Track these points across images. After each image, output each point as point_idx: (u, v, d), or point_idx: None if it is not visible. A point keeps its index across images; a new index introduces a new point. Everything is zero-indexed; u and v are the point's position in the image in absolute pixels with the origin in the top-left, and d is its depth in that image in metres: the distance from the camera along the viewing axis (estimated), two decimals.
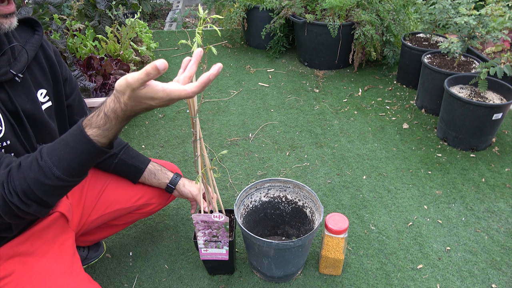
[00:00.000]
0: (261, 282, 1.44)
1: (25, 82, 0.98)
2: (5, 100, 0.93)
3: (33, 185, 0.82)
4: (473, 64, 2.41)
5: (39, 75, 1.03)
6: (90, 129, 0.80)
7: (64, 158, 0.81)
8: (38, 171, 0.81)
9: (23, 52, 0.97)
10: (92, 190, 1.26)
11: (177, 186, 1.33)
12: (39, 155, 0.83)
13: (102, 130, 0.80)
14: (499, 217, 1.72)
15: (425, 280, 1.45)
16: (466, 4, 2.21)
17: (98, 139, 0.80)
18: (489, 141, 2.14)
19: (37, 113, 1.00)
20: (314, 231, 1.28)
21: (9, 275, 0.97)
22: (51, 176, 0.81)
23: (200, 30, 0.89)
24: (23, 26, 1.02)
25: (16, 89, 0.95)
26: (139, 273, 1.48)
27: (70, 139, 0.82)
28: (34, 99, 1.00)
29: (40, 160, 0.82)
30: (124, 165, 1.27)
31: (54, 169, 0.81)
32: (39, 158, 0.82)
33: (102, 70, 2.19)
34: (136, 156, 1.30)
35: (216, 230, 1.22)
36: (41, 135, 1.02)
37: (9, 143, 0.93)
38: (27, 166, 0.82)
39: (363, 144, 2.20)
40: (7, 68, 0.92)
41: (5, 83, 0.92)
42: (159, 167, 1.33)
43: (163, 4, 4.66)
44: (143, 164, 1.30)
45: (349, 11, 2.89)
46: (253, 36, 3.37)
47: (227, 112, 2.50)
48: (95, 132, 0.80)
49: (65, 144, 0.82)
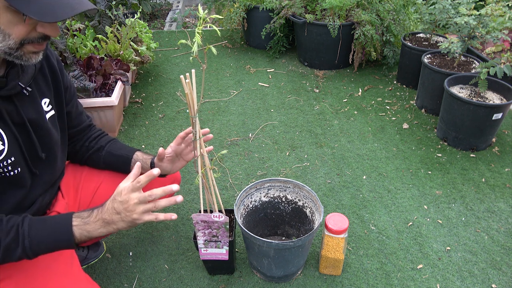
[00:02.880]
0: (261, 282, 1.44)
1: (32, 93, 0.99)
2: (12, 112, 0.93)
3: (3, 251, 0.89)
4: (473, 64, 2.41)
5: (42, 84, 1.04)
6: (76, 218, 0.96)
7: (41, 242, 0.92)
8: (13, 248, 0.90)
9: (30, 64, 0.97)
10: (87, 188, 1.27)
11: (155, 160, 1.26)
12: (24, 229, 0.91)
13: (82, 221, 0.95)
14: (499, 217, 1.72)
15: (425, 280, 1.45)
16: (466, 4, 2.21)
17: (75, 229, 0.94)
18: (489, 141, 2.14)
19: (42, 122, 1.01)
20: (314, 231, 1.28)
21: (7, 278, 0.97)
22: (23, 252, 0.91)
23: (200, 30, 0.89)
24: None
25: (23, 100, 0.96)
26: (139, 273, 1.48)
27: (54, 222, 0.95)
28: (39, 108, 1.01)
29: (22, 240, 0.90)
30: (111, 157, 1.27)
31: (29, 252, 0.91)
32: (23, 232, 0.91)
33: (102, 70, 2.19)
34: (122, 148, 1.30)
35: (216, 230, 1.22)
36: (45, 144, 1.03)
37: (13, 160, 0.94)
38: (6, 231, 0.90)
39: (363, 144, 2.20)
40: (16, 82, 0.93)
41: (13, 96, 0.93)
42: (141, 156, 1.29)
43: (163, 4, 4.66)
44: (130, 153, 1.28)
45: (349, 11, 2.89)
46: (253, 36, 3.37)
47: (227, 112, 2.50)
48: (77, 222, 0.95)
49: (48, 227, 0.94)
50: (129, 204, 0.94)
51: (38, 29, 0.83)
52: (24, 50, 0.84)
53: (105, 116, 2.11)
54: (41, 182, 1.06)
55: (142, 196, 0.94)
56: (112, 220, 0.96)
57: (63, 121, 1.13)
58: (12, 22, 0.79)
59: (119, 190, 0.96)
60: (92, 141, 1.27)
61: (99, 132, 1.31)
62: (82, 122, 1.24)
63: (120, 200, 0.94)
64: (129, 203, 0.94)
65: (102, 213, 0.96)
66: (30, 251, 0.91)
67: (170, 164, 1.27)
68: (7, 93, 0.91)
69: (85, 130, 1.26)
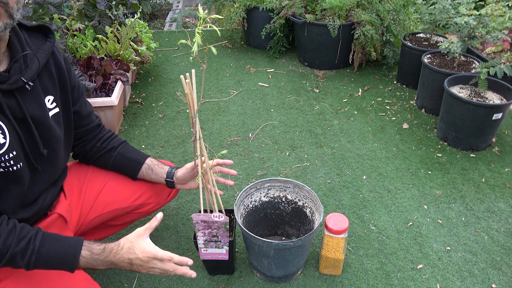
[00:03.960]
0: (261, 282, 1.44)
1: (35, 89, 0.99)
2: (14, 107, 0.93)
3: (8, 257, 0.91)
4: (473, 64, 2.41)
5: (47, 81, 1.03)
6: (85, 250, 0.98)
7: (46, 262, 0.96)
8: (19, 258, 0.92)
9: (34, 60, 0.98)
10: (90, 189, 1.27)
11: (174, 178, 1.30)
12: (36, 244, 0.94)
13: (91, 256, 0.99)
14: (499, 217, 1.72)
15: (425, 280, 1.45)
16: (466, 4, 2.21)
17: (81, 259, 0.98)
18: (489, 141, 2.14)
19: (44, 119, 1.01)
20: (314, 231, 1.28)
21: (7, 278, 0.97)
22: (26, 265, 0.94)
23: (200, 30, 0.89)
24: (36, 33, 1.03)
25: (25, 96, 0.96)
26: (139, 273, 1.48)
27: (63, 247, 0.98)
28: (42, 105, 1.01)
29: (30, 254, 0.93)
30: (123, 159, 1.28)
31: (31, 266, 0.94)
32: (34, 247, 0.94)
33: (102, 70, 2.19)
34: (134, 151, 1.31)
35: (216, 230, 1.22)
36: (46, 141, 1.03)
37: (15, 154, 0.94)
38: (18, 238, 0.93)
39: (363, 144, 2.20)
40: (18, 76, 0.93)
41: (15, 91, 0.93)
42: (156, 162, 1.32)
43: (163, 4, 4.66)
44: (142, 158, 1.30)
45: (349, 11, 2.89)
46: (253, 36, 3.37)
47: (227, 112, 2.50)
48: (85, 254, 0.98)
49: (57, 249, 0.96)
50: (147, 265, 1.01)
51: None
52: None
53: (105, 116, 2.11)
54: (42, 179, 1.06)
55: (164, 268, 1.02)
56: (120, 266, 1.01)
57: (69, 120, 1.12)
58: None
59: (142, 247, 1.01)
60: (104, 142, 1.27)
61: (110, 133, 1.31)
62: (91, 121, 1.24)
63: (141, 259, 1.00)
64: (148, 265, 1.01)
65: (114, 257, 1.00)
66: (32, 266, 0.94)
67: (191, 180, 1.33)
68: (9, 87, 0.91)
69: (94, 129, 1.26)
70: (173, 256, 1.01)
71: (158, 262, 1.01)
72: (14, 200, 0.99)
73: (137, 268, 1.01)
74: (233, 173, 1.28)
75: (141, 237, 1.02)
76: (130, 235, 1.03)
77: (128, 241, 1.02)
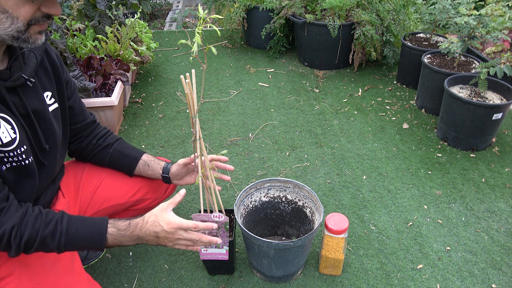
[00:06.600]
0: (261, 282, 1.44)
1: (35, 85, 1.01)
2: (18, 103, 0.95)
3: (39, 241, 0.93)
4: (473, 64, 2.41)
5: (44, 78, 1.05)
6: (112, 227, 1.00)
7: (75, 242, 0.98)
8: (49, 241, 0.95)
9: (31, 56, 1.00)
10: (87, 187, 1.28)
11: (170, 173, 1.30)
12: (63, 227, 0.96)
13: (117, 232, 1.00)
14: (499, 217, 1.72)
15: (425, 280, 1.45)
16: (466, 4, 2.21)
17: (109, 237, 1.00)
18: (489, 141, 2.14)
19: (45, 114, 1.03)
20: (314, 231, 1.28)
21: (9, 275, 0.98)
22: (57, 247, 0.96)
23: (200, 30, 0.89)
24: None
25: (27, 92, 0.98)
26: (139, 273, 1.48)
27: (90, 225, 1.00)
28: (43, 101, 1.03)
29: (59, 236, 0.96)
30: (119, 155, 1.29)
31: (62, 249, 0.97)
32: (61, 229, 0.96)
33: (102, 70, 2.19)
34: (130, 147, 1.32)
35: (216, 230, 1.22)
36: (48, 136, 1.05)
37: (25, 148, 0.96)
38: (45, 222, 0.95)
39: (363, 144, 2.20)
40: (19, 73, 0.95)
41: (18, 87, 0.95)
42: (152, 158, 1.33)
43: (163, 4, 4.66)
44: (138, 154, 1.31)
45: (349, 11, 2.89)
46: (253, 36, 3.37)
47: (227, 112, 2.50)
48: (112, 231, 1.00)
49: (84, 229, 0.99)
50: (173, 237, 1.02)
51: (43, 9, 0.86)
52: (30, 32, 0.87)
53: (105, 116, 2.11)
54: (47, 174, 1.08)
55: (189, 238, 1.04)
56: (147, 240, 1.03)
57: (66, 115, 1.14)
58: (19, 3, 0.81)
59: (166, 219, 1.02)
60: (100, 139, 1.28)
61: (106, 130, 1.32)
62: (86, 118, 1.25)
63: (166, 230, 1.01)
64: (173, 236, 1.02)
65: (140, 231, 1.01)
66: (63, 247, 0.96)
67: (186, 176, 1.33)
68: (12, 84, 0.93)
69: (90, 126, 1.27)
70: (198, 223, 1.04)
71: (184, 232, 1.02)
72: (28, 193, 1.01)
73: (163, 242, 1.03)
74: (230, 168, 1.27)
75: (165, 211, 1.04)
76: (154, 209, 1.05)
77: (152, 215, 1.03)
